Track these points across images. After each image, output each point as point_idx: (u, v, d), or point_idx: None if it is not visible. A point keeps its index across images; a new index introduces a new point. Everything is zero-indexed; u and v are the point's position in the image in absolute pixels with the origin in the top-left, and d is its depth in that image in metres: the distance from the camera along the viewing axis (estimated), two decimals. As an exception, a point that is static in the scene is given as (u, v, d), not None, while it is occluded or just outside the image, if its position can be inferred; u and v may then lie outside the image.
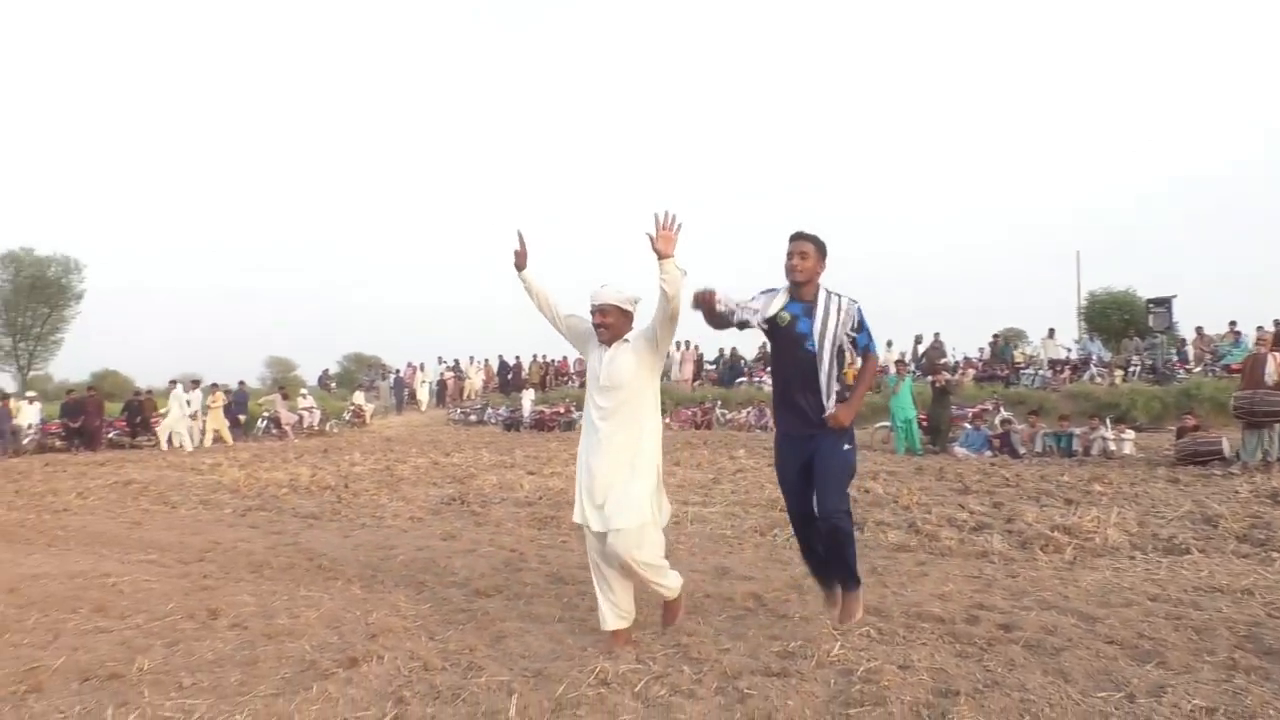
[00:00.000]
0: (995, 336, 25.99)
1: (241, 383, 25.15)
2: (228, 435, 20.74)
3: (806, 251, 4.15)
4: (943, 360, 23.70)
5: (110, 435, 20.39)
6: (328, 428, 24.35)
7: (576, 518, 4.19)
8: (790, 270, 4.17)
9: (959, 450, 15.00)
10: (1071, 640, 4.05)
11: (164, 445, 19.26)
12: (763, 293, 4.26)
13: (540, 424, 24.44)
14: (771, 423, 20.22)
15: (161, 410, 20.60)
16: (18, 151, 76.57)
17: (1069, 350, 24.46)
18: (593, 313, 4.19)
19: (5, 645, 4.36)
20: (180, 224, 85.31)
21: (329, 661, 3.96)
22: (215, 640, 4.38)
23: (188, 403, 20.13)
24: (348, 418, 26.06)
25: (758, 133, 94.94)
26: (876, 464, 12.88)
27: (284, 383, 31.57)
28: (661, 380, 18.20)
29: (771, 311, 4.16)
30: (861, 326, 4.21)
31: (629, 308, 4.22)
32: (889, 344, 25.90)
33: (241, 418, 22.90)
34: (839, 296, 4.17)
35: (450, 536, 7.32)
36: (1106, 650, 3.91)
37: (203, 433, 20.40)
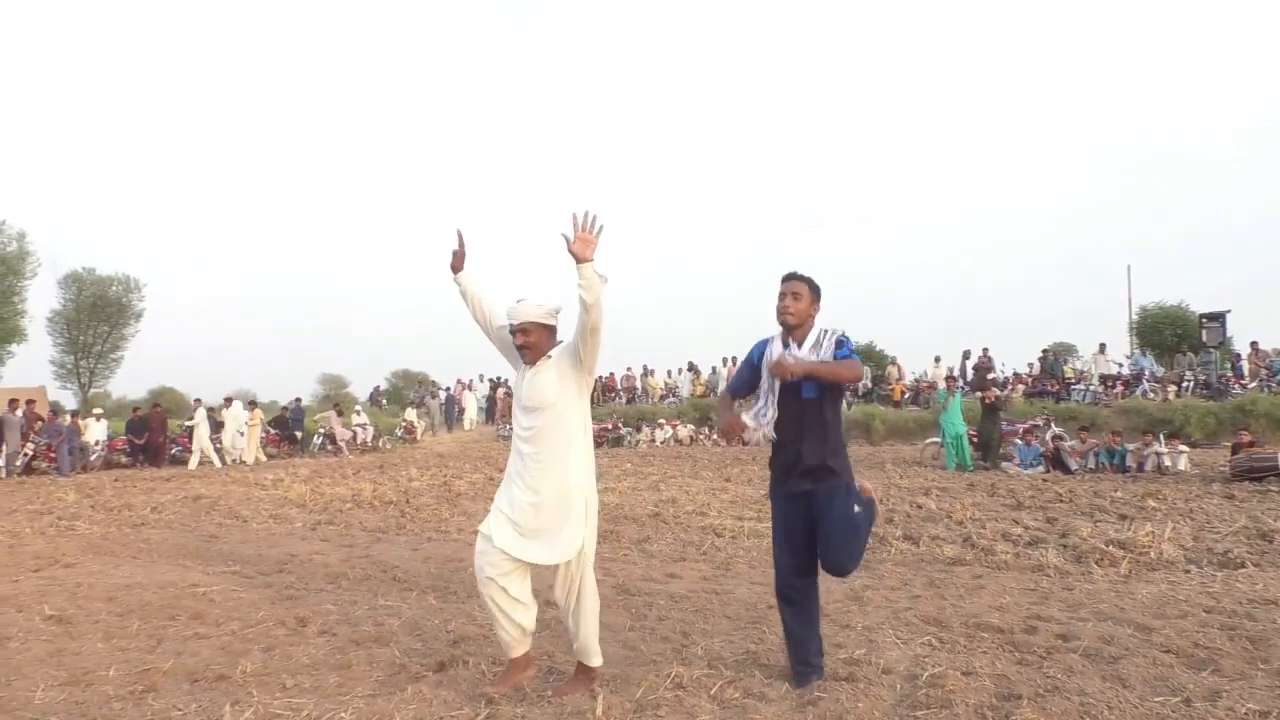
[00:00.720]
0: (1045, 351, 25.87)
1: (298, 399, 25.75)
2: (261, 454, 21.32)
3: (799, 293, 3.89)
4: (991, 375, 23.64)
5: (173, 451, 20.99)
6: (381, 444, 24.84)
7: (485, 528, 3.88)
8: (781, 312, 3.90)
9: (1010, 466, 15.00)
10: (1128, 649, 4.19)
11: (194, 465, 19.71)
12: (745, 361, 4.11)
13: (588, 440, 24.75)
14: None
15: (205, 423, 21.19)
16: (80, 173, 78.93)
17: (1120, 365, 24.25)
18: (513, 332, 3.86)
19: (114, 650, 4.67)
20: (234, 244, 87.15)
21: (418, 666, 4.23)
22: (307, 646, 4.66)
23: (220, 422, 20.87)
24: (400, 434, 26.55)
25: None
26: (928, 480, 12.96)
27: (337, 399, 32.20)
28: (709, 395, 18.52)
29: (769, 385, 3.91)
30: (843, 344, 3.84)
31: (551, 321, 3.88)
32: (936, 359, 25.93)
33: (298, 434, 23.48)
34: (827, 332, 3.90)
35: (515, 550, 7.57)
36: (1163, 658, 4.05)
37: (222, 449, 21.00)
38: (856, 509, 3.81)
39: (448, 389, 33.74)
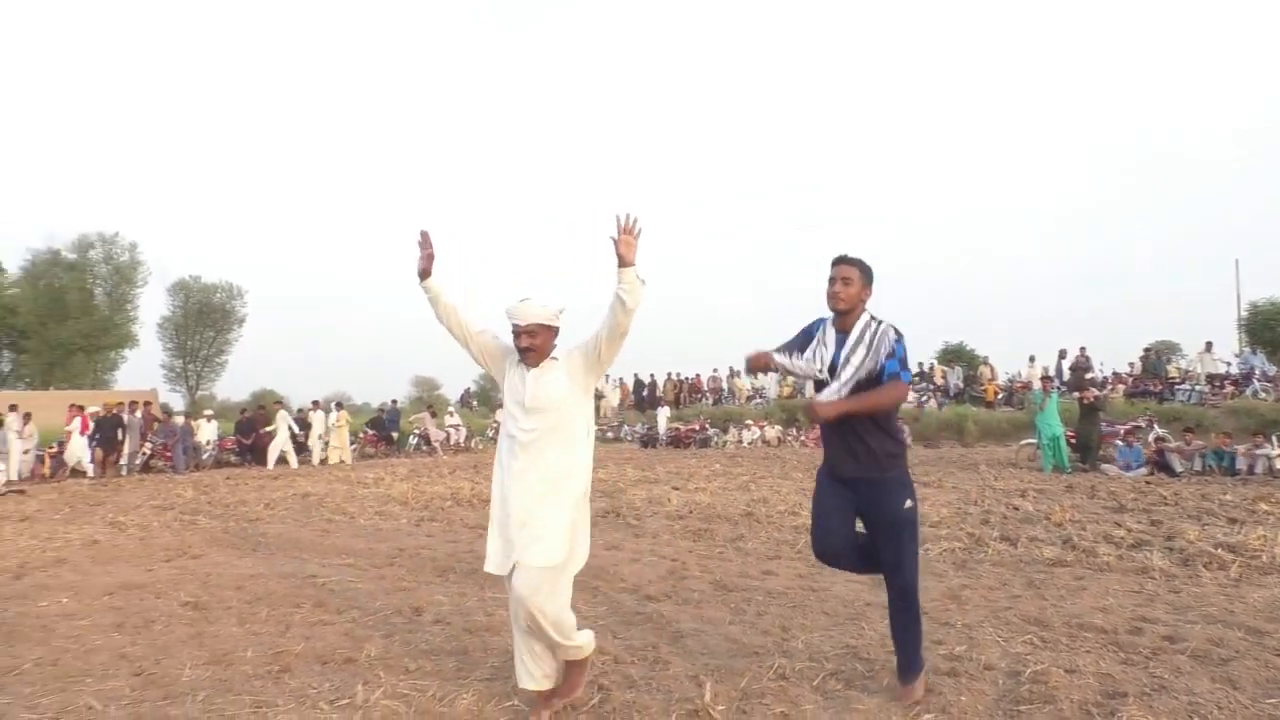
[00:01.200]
0: (1146, 350, 25.10)
1: (394, 401, 26.53)
2: (348, 455, 21.80)
3: (850, 278, 3.75)
4: (1089, 375, 23.04)
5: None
6: (473, 444, 25.42)
7: (490, 567, 3.65)
8: (832, 297, 3.77)
9: (1110, 468, 14.64)
10: (1239, 652, 4.16)
11: (270, 464, 20.23)
12: (804, 330, 3.96)
13: (676, 441, 24.91)
14: (908, 440, 20.04)
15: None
16: (186, 185, 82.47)
17: (1228, 364, 23.35)
18: (517, 334, 3.64)
19: (248, 633, 5.00)
20: (329, 251, 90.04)
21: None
22: (424, 633, 4.92)
23: (306, 425, 21.61)
24: (490, 435, 27.12)
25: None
26: (1024, 481, 12.75)
27: (431, 401, 33.02)
28: (796, 396, 18.45)
29: (821, 358, 3.79)
30: (894, 354, 3.67)
31: (556, 322, 3.71)
32: (1031, 359, 25.37)
33: (394, 435, 24.21)
34: (878, 323, 3.75)
35: (614, 547, 7.78)
36: (1275, 661, 4.01)
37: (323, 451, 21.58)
38: (909, 504, 3.70)
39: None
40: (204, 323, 51.51)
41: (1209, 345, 23.80)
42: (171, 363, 51.75)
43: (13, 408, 17.64)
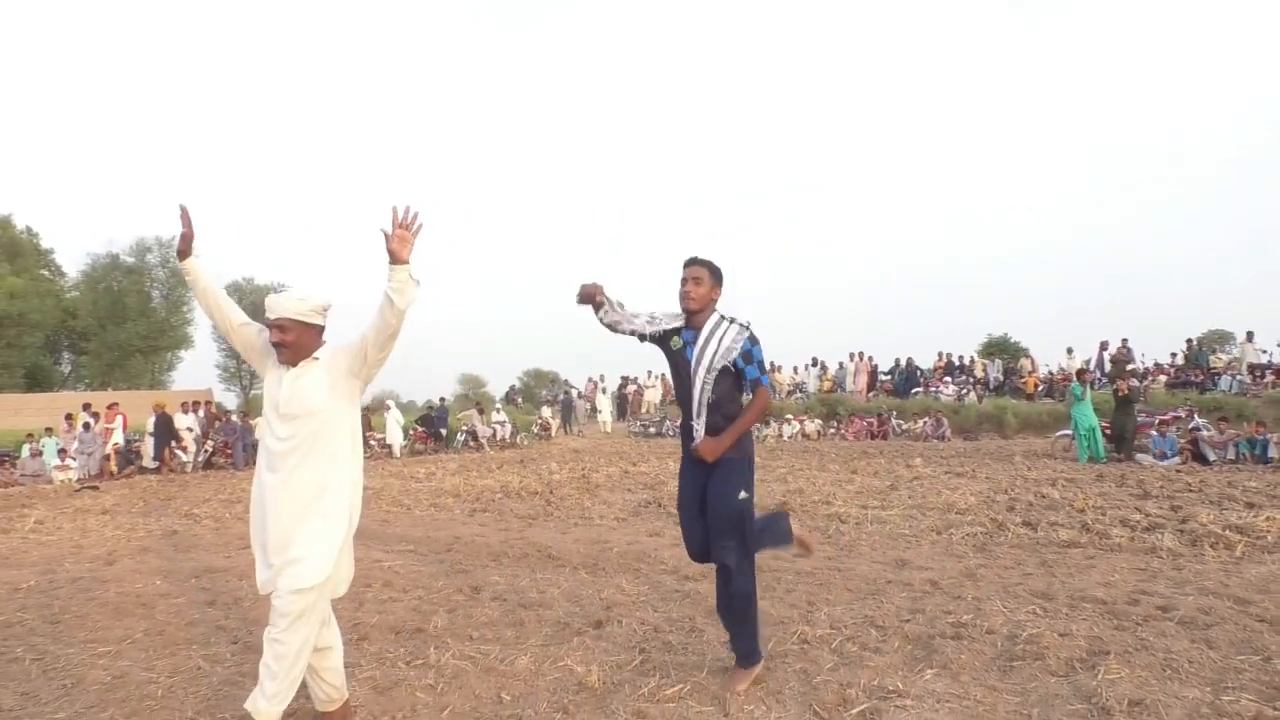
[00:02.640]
0: (1189, 340, 25.03)
1: (442, 399, 27.29)
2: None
3: (700, 277, 3.92)
4: (1130, 366, 23.11)
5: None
6: (519, 440, 26.04)
7: (263, 588, 3.31)
8: (683, 297, 3.94)
9: (1144, 458, 14.84)
10: (1223, 618, 4.57)
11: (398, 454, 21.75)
12: (667, 315, 4.08)
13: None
14: (948, 432, 20.16)
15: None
16: (237, 188, 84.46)
17: (1266, 353, 23.23)
18: (270, 328, 3.31)
19: (326, 609, 5.58)
20: (376, 250, 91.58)
21: (579, 623, 4.96)
22: (483, 609, 5.45)
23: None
24: (536, 431, 27.75)
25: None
26: (1056, 471, 13.04)
27: (478, 399, 33.78)
28: (836, 391, 18.70)
29: (661, 327, 4.01)
30: (750, 357, 3.86)
31: (315, 320, 3.36)
32: (1069, 351, 25.47)
33: (443, 431, 24.93)
34: (729, 323, 3.92)
35: (655, 534, 8.29)
36: (1255, 626, 4.42)
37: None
38: (743, 494, 3.82)
39: (578, 391, 34.88)
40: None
41: (1250, 335, 23.69)
42: (226, 363, 53.24)
43: (86, 406, 18.57)
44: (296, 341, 3.28)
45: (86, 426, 17.93)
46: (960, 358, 28.73)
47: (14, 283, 45.45)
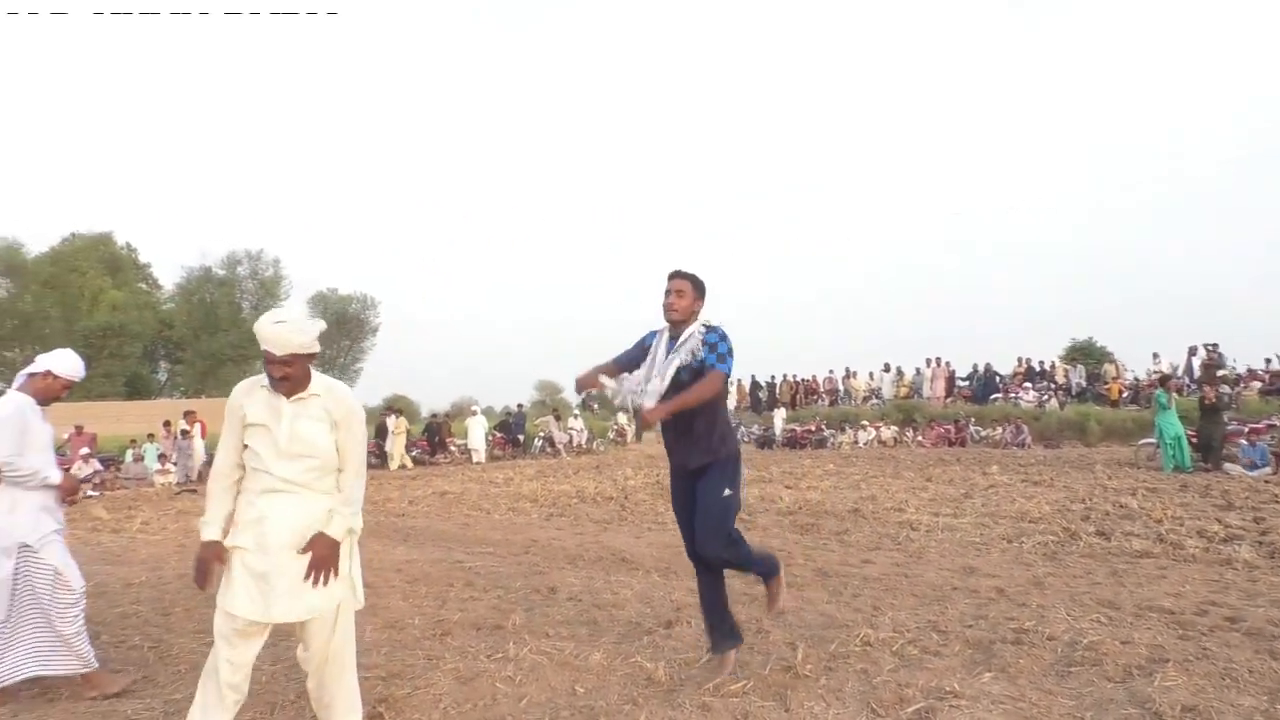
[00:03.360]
0: (1285, 346, 24.17)
1: (520, 405, 27.84)
2: (408, 460, 22.52)
3: (683, 290, 4.04)
4: (1221, 373, 22.44)
5: (413, 453, 23.29)
6: (594, 446, 26.43)
7: (226, 604, 3.08)
8: (667, 309, 4.06)
9: (1233, 468, 14.45)
10: (1292, 630, 4.56)
11: (394, 467, 21.75)
12: (638, 343, 4.24)
13: (792, 442, 25.33)
14: (1028, 440, 19.89)
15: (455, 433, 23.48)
16: (322, 204, 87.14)
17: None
18: (270, 361, 3.09)
19: (411, 606, 5.90)
20: (455, 260, 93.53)
21: (650, 623, 5.18)
22: (559, 608, 5.71)
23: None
24: (612, 437, 28.12)
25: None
26: (1138, 480, 12.81)
27: (555, 405, 34.31)
28: (912, 397, 18.61)
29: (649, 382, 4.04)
30: (711, 346, 3.99)
31: (316, 348, 3.19)
32: (1155, 356, 24.83)
33: (520, 437, 25.45)
34: (703, 328, 4.06)
35: (725, 539, 8.46)
36: (1322, 638, 4.41)
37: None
38: (727, 492, 4.01)
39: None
40: (341, 332, 54.48)
41: (1351, 339, 22.80)
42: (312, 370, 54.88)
43: (187, 415, 19.48)
44: (299, 374, 3.15)
45: (184, 434, 18.82)
46: (1041, 363, 28.21)
47: (115, 296, 47.70)
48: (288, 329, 3.06)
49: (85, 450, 17.23)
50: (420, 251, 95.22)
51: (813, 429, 25.83)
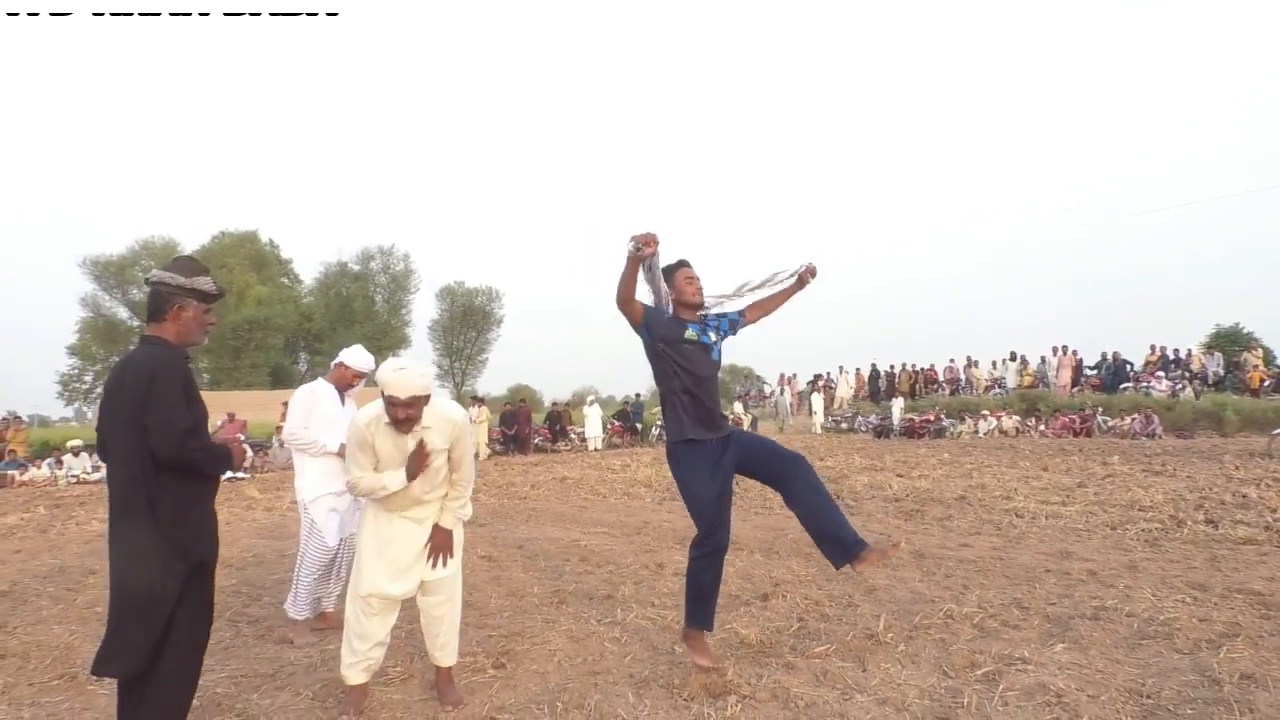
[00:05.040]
0: None
1: (637, 395, 28.50)
2: (484, 449, 22.42)
3: (698, 276, 4.32)
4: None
5: (536, 441, 24.20)
6: (711, 435, 26.80)
7: (370, 588, 3.71)
8: (695, 294, 4.25)
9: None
10: (1379, 613, 4.63)
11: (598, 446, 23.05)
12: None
13: (910, 431, 25.13)
14: (1159, 430, 19.18)
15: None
16: (448, 200, 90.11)
17: None
18: (394, 404, 3.48)
19: (530, 578, 6.46)
20: (574, 252, 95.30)
21: (748, 596, 5.59)
22: (665, 582, 6.18)
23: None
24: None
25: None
26: (1266, 471, 12.40)
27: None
28: (1037, 386, 18.35)
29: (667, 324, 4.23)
30: (724, 319, 4.43)
31: (430, 390, 3.62)
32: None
33: (638, 426, 26.07)
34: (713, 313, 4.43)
35: (829, 522, 8.77)
36: None
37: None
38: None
39: (765, 384, 35.25)
40: (467, 324, 56.47)
41: None
42: (440, 361, 57.10)
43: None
44: (419, 415, 3.56)
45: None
46: (1176, 351, 27.12)
47: (260, 291, 50.68)
48: (409, 375, 3.44)
49: (241, 436, 18.65)
50: (544, 245, 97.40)
51: (931, 418, 25.53)
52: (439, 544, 3.80)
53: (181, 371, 2.99)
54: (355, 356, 5.35)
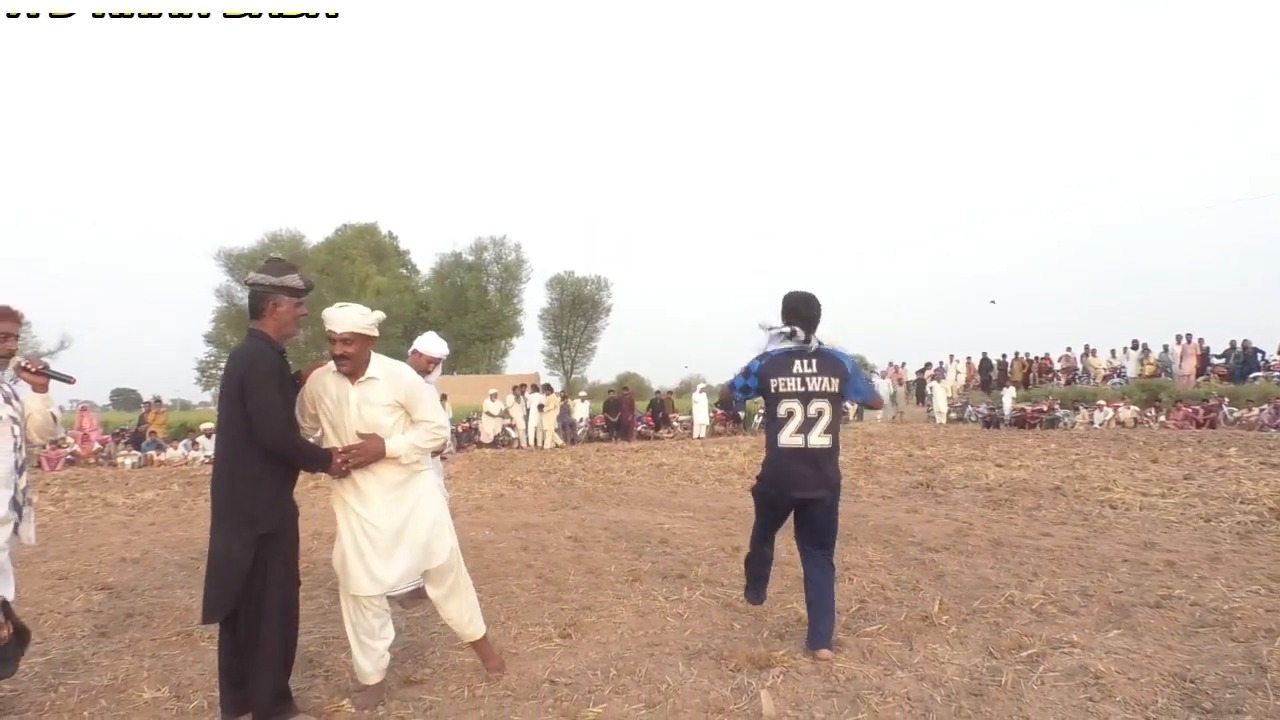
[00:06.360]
0: None
1: (740, 383, 28.58)
2: (558, 438, 22.30)
3: None
4: None
5: (639, 428, 24.58)
6: (815, 424, 26.69)
7: (354, 588, 3.67)
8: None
9: None
10: None
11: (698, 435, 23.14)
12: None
13: (1020, 421, 24.50)
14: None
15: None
16: (559, 190, 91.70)
17: None
18: (332, 340, 3.54)
19: (611, 558, 6.75)
20: (682, 242, 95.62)
21: (815, 578, 5.73)
22: (738, 564, 6.27)
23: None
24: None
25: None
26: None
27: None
28: (1159, 375, 17.76)
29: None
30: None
31: (373, 332, 3.62)
32: None
33: (740, 414, 26.13)
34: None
35: (913, 510, 8.81)
36: None
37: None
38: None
39: (874, 371, 34.76)
40: (577, 313, 57.37)
41: None
42: (550, 349, 58.22)
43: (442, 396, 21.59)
44: (358, 354, 3.55)
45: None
46: (1291, 346, 25.61)
47: (380, 281, 52.57)
48: (348, 311, 3.54)
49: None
50: (654, 233, 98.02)
51: (1044, 409, 24.81)
52: (357, 448, 3.57)
53: (273, 362, 3.40)
54: (429, 343, 5.64)
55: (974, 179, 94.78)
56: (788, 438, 4.11)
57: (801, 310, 4.22)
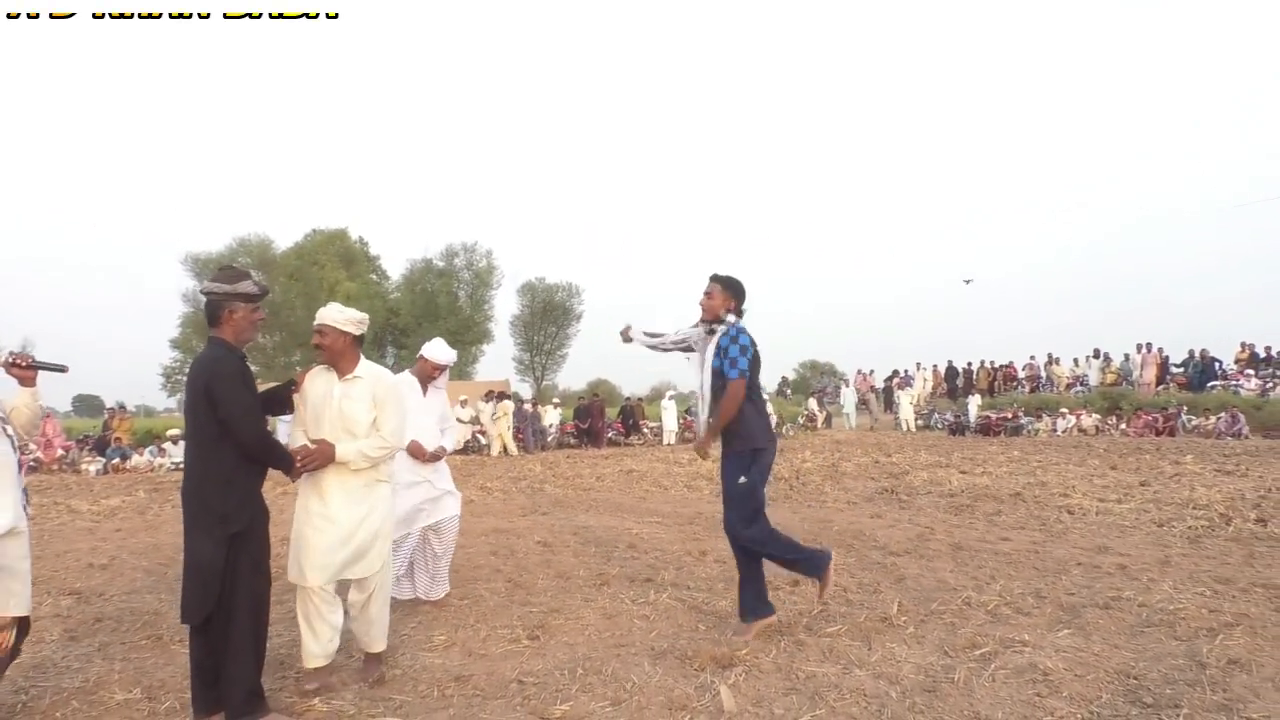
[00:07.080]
0: None
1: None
2: (512, 446, 21.64)
3: (712, 292, 4.61)
4: None
5: (610, 435, 24.67)
6: (784, 431, 26.90)
7: (312, 580, 3.78)
8: (701, 308, 4.70)
9: None
10: (1394, 609, 4.69)
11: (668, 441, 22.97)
12: (690, 328, 4.83)
13: (985, 429, 24.84)
14: (1245, 430, 18.75)
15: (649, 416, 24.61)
16: (528, 197, 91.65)
17: None
18: (314, 333, 3.89)
19: (580, 562, 6.84)
20: (653, 248, 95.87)
21: (780, 581, 5.81)
22: (705, 568, 6.50)
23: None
24: (801, 422, 28.51)
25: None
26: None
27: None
28: (1120, 384, 18.12)
29: (686, 338, 4.83)
30: (719, 350, 4.52)
31: (351, 329, 3.86)
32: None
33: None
34: (724, 328, 4.58)
35: (877, 516, 8.97)
36: None
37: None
38: (741, 480, 4.52)
39: (844, 380, 35.10)
40: (548, 319, 57.26)
41: None
42: (521, 356, 58.07)
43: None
44: (333, 346, 3.81)
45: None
46: (1268, 348, 26.20)
47: (349, 286, 52.19)
48: (330, 308, 3.86)
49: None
50: (625, 240, 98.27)
51: (1009, 416, 25.20)
52: (312, 451, 3.73)
53: (235, 365, 3.53)
54: (436, 350, 5.71)
55: (970, 185, 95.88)
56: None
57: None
